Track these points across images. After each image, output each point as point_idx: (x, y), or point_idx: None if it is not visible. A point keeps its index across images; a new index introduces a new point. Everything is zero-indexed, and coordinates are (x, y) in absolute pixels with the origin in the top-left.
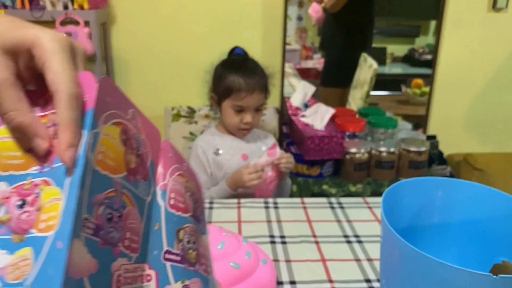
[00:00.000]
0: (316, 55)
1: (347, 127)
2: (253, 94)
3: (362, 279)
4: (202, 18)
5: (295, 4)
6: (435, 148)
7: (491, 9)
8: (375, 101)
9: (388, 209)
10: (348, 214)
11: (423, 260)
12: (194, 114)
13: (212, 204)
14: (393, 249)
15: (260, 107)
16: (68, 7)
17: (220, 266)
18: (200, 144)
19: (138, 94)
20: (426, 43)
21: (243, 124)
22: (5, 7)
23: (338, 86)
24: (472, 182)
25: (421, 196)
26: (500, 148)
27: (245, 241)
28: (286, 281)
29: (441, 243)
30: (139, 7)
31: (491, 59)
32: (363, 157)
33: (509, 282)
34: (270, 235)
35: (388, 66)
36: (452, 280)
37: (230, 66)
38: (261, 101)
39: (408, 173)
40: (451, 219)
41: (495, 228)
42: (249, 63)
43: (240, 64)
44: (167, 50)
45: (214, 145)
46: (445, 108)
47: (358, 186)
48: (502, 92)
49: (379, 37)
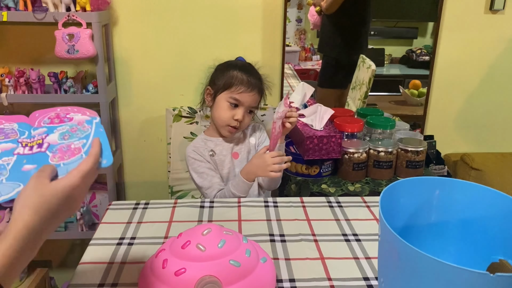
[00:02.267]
0: (315, 57)
1: (346, 127)
2: (251, 92)
3: (360, 277)
4: (203, 19)
5: (295, 6)
6: (432, 148)
7: (488, 10)
8: (373, 101)
9: (386, 208)
10: (347, 213)
11: (420, 259)
12: (195, 114)
13: (213, 203)
14: (391, 248)
15: (253, 109)
16: (70, 9)
17: (220, 264)
18: (193, 149)
19: (139, 95)
20: (424, 44)
21: (233, 121)
22: (8, 9)
23: (336, 87)
24: (469, 181)
25: (419, 195)
26: (496, 148)
27: (245, 239)
28: (286, 279)
29: (438, 242)
30: (141, 9)
31: (488, 60)
32: (361, 157)
33: (506, 280)
34: (269, 234)
35: (386, 67)
36: (450, 278)
37: (234, 65)
38: (256, 103)
39: (405, 172)
40: (448, 218)
41: (492, 227)
42: (251, 66)
43: (243, 64)
44: (168, 52)
45: (207, 147)
46: (443, 108)
47: (356, 186)
48: (499, 93)
49: (377, 38)
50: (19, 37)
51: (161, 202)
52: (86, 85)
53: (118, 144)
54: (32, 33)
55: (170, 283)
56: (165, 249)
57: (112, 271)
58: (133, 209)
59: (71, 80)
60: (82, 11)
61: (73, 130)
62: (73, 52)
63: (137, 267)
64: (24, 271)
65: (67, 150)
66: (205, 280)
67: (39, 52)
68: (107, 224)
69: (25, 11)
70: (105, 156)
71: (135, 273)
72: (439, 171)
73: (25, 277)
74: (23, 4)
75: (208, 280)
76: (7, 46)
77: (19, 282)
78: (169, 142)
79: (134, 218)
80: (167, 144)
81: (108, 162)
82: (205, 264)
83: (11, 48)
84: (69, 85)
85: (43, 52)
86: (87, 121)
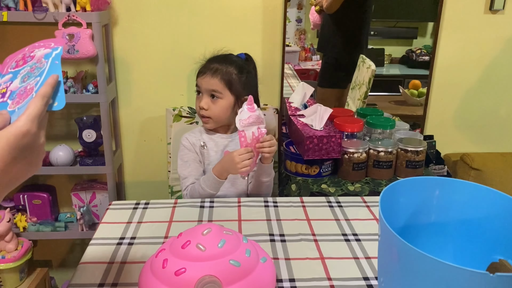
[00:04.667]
0: (315, 57)
1: (346, 127)
2: (206, 75)
3: (360, 277)
4: (203, 19)
5: (295, 6)
6: (432, 148)
7: (488, 10)
8: (373, 101)
9: (386, 208)
10: (347, 213)
11: (420, 258)
12: (195, 114)
13: (213, 203)
14: (391, 248)
15: (215, 94)
16: (70, 9)
17: (220, 264)
18: (188, 137)
19: (140, 95)
20: (424, 44)
21: (199, 109)
22: (8, 9)
23: (336, 86)
24: (469, 181)
25: (419, 195)
26: (496, 148)
27: (245, 239)
28: (286, 278)
29: (438, 242)
30: (141, 8)
31: (487, 60)
32: (361, 157)
33: (506, 280)
34: (269, 234)
35: (386, 67)
36: (450, 278)
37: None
38: (213, 86)
39: (405, 172)
40: (448, 218)
41: (492, 226)
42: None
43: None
44: (168, 51)
45: (201, 139)
46: (442, 108)
47: (356, 186)
48: (498, 93)
49: (377, 38)
50: (19, 37)
51: (161, 202)
52: (86, 85)
53: (118, 144)
54: (32, 33)
55: (170, 283)
56: (165, 249)
57: (112, 271)
58: (133, 209)
59: (71, 80)
60: (82, 11)
61: (32, 69)
62: (73, 52)
63: (137, 267)
64: (24, 271)
65: (24, 92)
66: (205, 280)
67: None
68: (107, 224)
69: (25, 11)
70: (58, 97)
71: (135, 273)
72: (439, 171)
73: (25, 277)
74: (23, 4)
75: (208, 280)
76: (7, 46)
77: (19, 282)
78: (169, 142)
79: (134, 218)
80: (167, 144)
81: (59, 105)
82: (205, 264)
83: (11, 48)
84: (69, 85)
85: None
86: (46, 55)
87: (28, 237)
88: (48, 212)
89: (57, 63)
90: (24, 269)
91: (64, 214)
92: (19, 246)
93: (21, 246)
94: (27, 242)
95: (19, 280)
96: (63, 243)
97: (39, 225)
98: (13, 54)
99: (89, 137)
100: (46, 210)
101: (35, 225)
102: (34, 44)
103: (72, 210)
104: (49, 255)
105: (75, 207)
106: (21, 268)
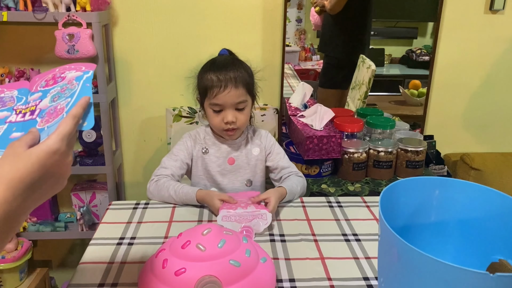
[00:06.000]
0: (315, 57)
1: (346, 127)
2: (226, 89)
3: (360, 277)
4: (203, 19)
5: (295, 6)
6: (432, 148)
7: (488, 10)
8: (373, 101)
9: (386, 208)
10: (347, 213)
11: (420, 258)
12: (195, 114)
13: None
14: (391, 247)
15: (241, 105)
16: (70, 9)
17: (220, 264)
18: (191, 137)
19: (140, 95)
20: (424, 44)
21: (224, 124)
22: (8, 9)
23: (337, 87)
24: (469, 181)
25: (419, 195)
26: (496, 148)
27: (245, 239)
28: (286, 279)
29: (438, 242)
30: (141, 9)
31: (487, 60)
32: (361, 157)
33: (506, 280)
34: (269, 234)
35: (386, 67)
36: (450, 278)
37: (205, 66)
38: (240, 98)
39: (405, 172)
40: (448, 218)
41: (491, 226)
42: (223, 59)
43: (212, 62)
44: (168, 52)
45: (204, 143)
46: (442, 108)
47: (356, 186)
48: (498, 93)
49: (377, 38)
50: (19, 37)
51: (161, 202)
52: None
53: (118, 144)
54: (32, 33)
55: (170, 283)
56: (165, 249)
57: (112, 271)
58: (133, 209)
59: None
60: (82, 11)
61: (62, 90)
62: (73, 52)
63: (137, 267)
64: (24, 271)
65: (54, 112)
66: (205, 280)
67: (39, 52)
68: (107, 224)
69: (25, 11)
70: (88, 118)
71: (135, 273)
72: (439, 171)
73: (25, 277)
74: (23, 4)
75: (208, 280)
76: (7, 46)
77: (19, 282)
78: (169, 142)
79: (134, 218)
80: (167, 144)
81: (89, 125)
82: (205, 264)
83: (11, 48)
84: None
85: (43, 52)
86: (77, 78)
87: (28, 237)
88: (48, 212)
89: (88, 86)
90: (24, 269)
91: (64, 214)
92: (19, 246)
93: (21, 246)
94: (27, 242)
95: (19, 280)
96: (63, 243)
97: (39, 225)
98: (42, 73)
99: (89, 137)
100: (46, 210)
101: (35, 225)
102: (65, 66)
103: (72, 210)
104: (49, 255)
105: (75, 207)
106: (21, 268)
